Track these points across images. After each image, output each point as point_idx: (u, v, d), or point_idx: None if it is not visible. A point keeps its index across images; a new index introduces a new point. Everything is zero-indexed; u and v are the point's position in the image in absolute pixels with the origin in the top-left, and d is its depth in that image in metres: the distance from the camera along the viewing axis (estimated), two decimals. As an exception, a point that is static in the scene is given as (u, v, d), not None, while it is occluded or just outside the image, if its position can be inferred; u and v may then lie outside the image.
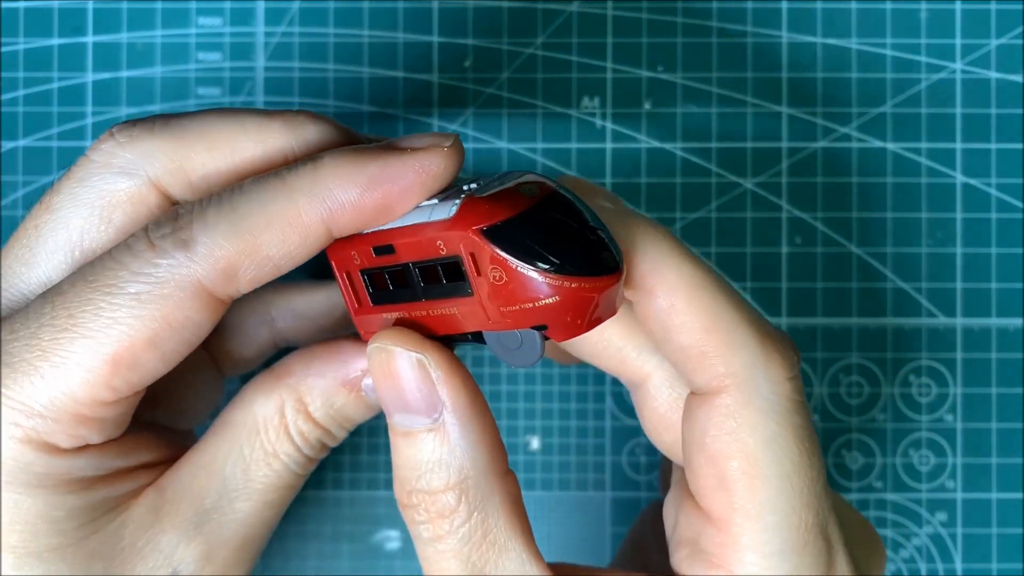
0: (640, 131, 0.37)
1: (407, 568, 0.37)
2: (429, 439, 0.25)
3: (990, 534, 0.36)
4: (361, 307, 0.27)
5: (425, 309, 0.25)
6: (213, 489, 0.27)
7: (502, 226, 0.23)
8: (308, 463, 0.28)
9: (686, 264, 0.25)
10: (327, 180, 0.25)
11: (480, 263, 0.23)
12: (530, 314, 0.23)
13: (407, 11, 0.37)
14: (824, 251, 0.37)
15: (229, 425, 0.28)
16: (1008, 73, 0.37)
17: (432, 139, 0.26)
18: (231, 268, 0.25)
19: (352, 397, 0.28)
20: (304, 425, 0.27)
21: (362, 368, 0.27)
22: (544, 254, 0.23)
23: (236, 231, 0.24)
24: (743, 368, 0.25)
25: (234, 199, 0.25)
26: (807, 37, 0.37)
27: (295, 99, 0.37)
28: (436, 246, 0.24)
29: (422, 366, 0.25)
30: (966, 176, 0.37)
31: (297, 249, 0.25)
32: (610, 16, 0.37)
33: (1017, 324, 0.37)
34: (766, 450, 0.25)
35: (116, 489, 0.27)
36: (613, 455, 0.37)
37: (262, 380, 0.28)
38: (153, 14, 0.37)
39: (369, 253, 0.25)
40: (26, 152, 0.37)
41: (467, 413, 0.25)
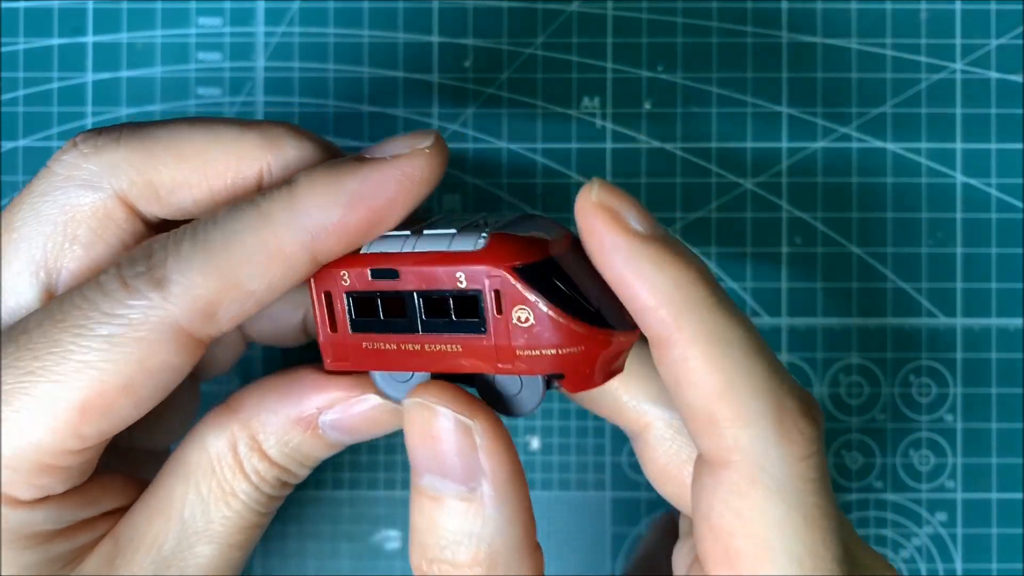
0: (640, 131, 0.37)
1: (407, 568, 0.37)
2: (461, 508, 0.23)
3: (990, 534, 0.36)
4: (335, 332, 0.25)
5: (419, 343, 0.24)
6: (171, 534, 0.25)
7: (534, 267, 0.22)
8: (271, 501, 0.26)
9: (711, 315, 0.22)
10: (304, 203, 0.23)
11: (504, 302, 0.22)
12: (549, 361, 0.23)
13: (407, 11, 0.37)
14: (824, 251, 0.37)
15: (182, 464, 0.25)
16: (1008, 73, 0.37)
17: (410, 141, 0.24)
18: (210, 307, 0.23)
19: (309, 435, 0.25)
20: (259, 464, 0.25)
21: (318, 405, 0.25)
22: (576, 301, 0.22)
23: (214, 267, 0.23)
24: (754, 443, 0.22)
25: (208, 232, 0.23)
26: (807, 37, 0.37)
27: (295, 99, 0.37)
28: (454, 278, 0.23)
29: (467, 432, 0.23)
30: (966, 176, 0.37)
31: (280, 281, 0.23)
32: (610, 16, 0.37)
33: (1017, 324, 0.37)
34: (775, 533, 0.23)
35: (74, 542, 0.25)
36: (613, 455, 0.37)
37: (215, 415, 0.26)
38: (153, 14, 0.37)
39: (364, 276, 0.24)
40: (26, 152, 0.37)
41: (507, 486, 0.23)
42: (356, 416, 0.25)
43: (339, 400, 0.25)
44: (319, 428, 0.25)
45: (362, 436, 0.26)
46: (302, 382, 0.25)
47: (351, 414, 0.25)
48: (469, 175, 0.37)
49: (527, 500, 0.24)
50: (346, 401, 0.25)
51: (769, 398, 0.22)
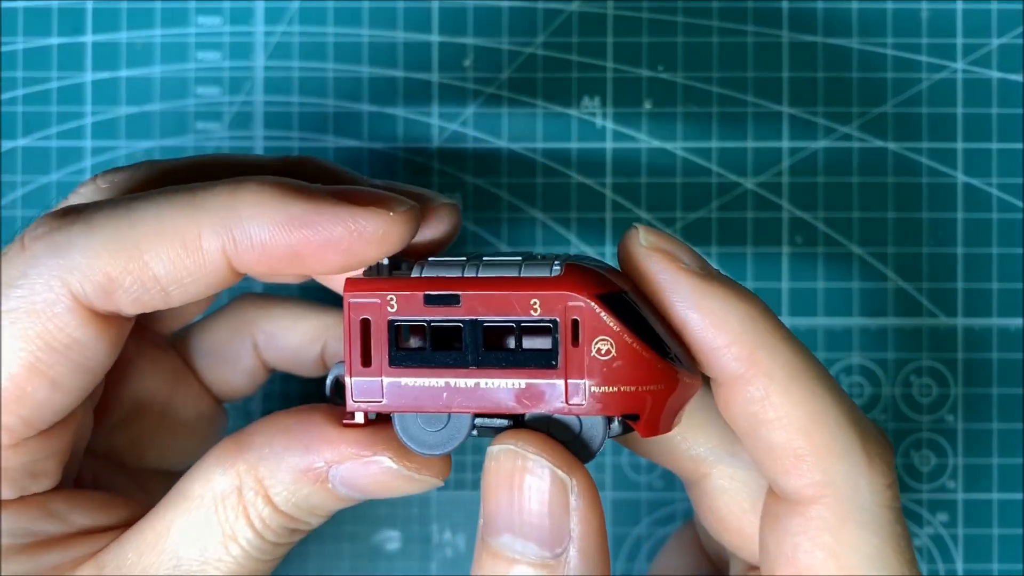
0: (640, 131, 0.37)
1: (407, 568, 0.37)
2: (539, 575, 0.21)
3: (991, 534, 0.36)
4: (368, 367, 0.22)
5: (473, 378, 0.22)
6: (163, 569, 0.23)
7: (617, 297, 0.21)
8: (275, 549, 0.24)
9: (785, 348, 0.21)
10: (241, 207, 0.21)
11: (583, 332, 0.21)
12: (627, 399, 0.21)
13: (407, 11, 0.37)
14: (825, 251, 0.37)
15: (184, 497, 0.23)
16: (1009, 73, 0.37)
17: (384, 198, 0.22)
18: (109, 283, 0.22)
19: (317, 488, 0.23)
20: (264, 510, 0.23)
21: (327, 459, 0.23)
22: (656, 337, 0.21)
23: (120, 240, 0.21)
24: (845, 478, 0.21)
25: (134, 204, 0.22)
26: (808, 37, 0.37)
27: (295, 98, 0.37)
28: (528, 305, 0.21)
29: (563, 490, 0.21)
30: (967, 176, 0.37)
31: (190, 278, 0.22)
32: (610, 16, 0.37)
33: (1018, 324, 0.36)
34: (867, 567, 0.22)
35: (43, 561, 0.23)
36: (613, 455, 0.37)
37: (223, 448, 0.24)
38: (152, 13, 0.37)
39: (415, 301, 0.22)
40: (25, 152, 0.37)
41: (596, 556, 0.21)
42: (368, 477, 0.23)
43: (349, 457, 0.23)
44: (328, 482, 0.23)
45: (373, 495, 0.24)
46: (312, 430, 0.23)
47: (362, 474, 0.23)
48: (469, 175, 0.37)
49: (609, 570, 0.22)
50: (357, 459, 0.23)
51: (855, 429, 0.22)
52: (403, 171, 0.37)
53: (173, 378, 0.29)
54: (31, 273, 0.22)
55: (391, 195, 0.22)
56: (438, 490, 0.37)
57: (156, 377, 0.29)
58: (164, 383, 0.29)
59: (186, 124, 0.37)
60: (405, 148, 0.37)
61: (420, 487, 0.23)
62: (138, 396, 0.28)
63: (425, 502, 0.37)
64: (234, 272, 0.22)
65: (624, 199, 0.37)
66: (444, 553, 0.37)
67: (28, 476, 0.23)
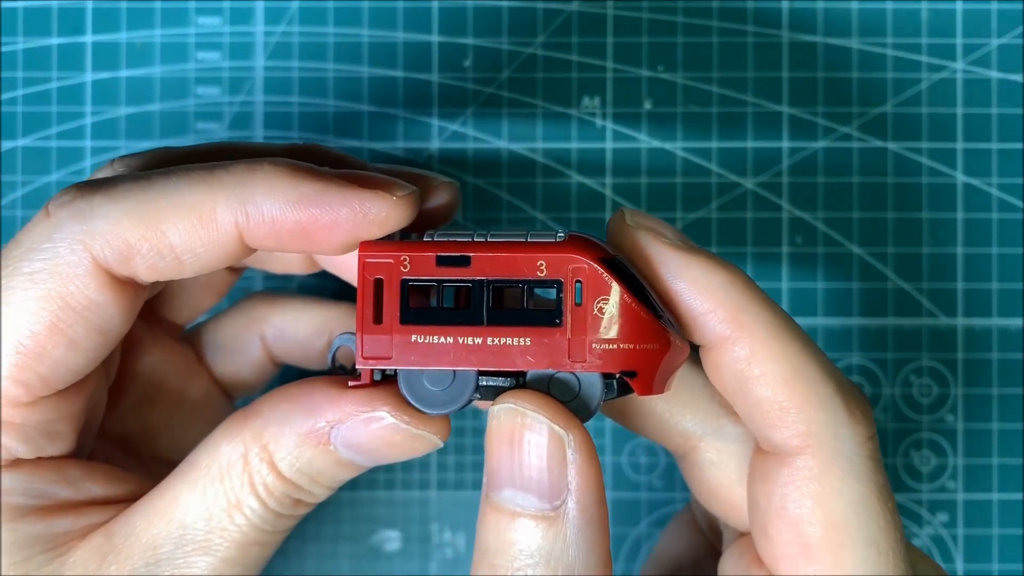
0: (640, 131, 0.37)
1: (407, 568, 0.37)
2: (541, 528, 0.22)
3: (991, 535, 0.36)
4: (381, 324, 0.23)
5: (482, 336, 0.23)
6: (170, 538, 0.24)
7: (616, 261, 0.23)
8: (279, 520, 0.25)
9: (766, 310, 0.23)
10: (256, 185, 0.23)
11: (586, 292, 0.22)
12: (626, 357, 0.22)
13: (407, 11, 0.37)
14: (825, 251, 0.37)
15: (192, 467, 0.24)
16: (1009, 73, 0.37)
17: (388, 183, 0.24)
18: (127, 249, 0.23)
19: (320, 451, 0.24)
20: (269, 477, 0.24)
21: (328, 419, 0.24)
22: (651, 301, 0.23)
23: (141, 209, 0.23)
24: (826, 426, 0.23)
25: (154, 178, 0.23)
26: (807, 37, 0.37)
27: (295, 98, 0.37)
28: (535, 266, 0.22)
29: (560, 445, 0.22)
30: (967, 176, 0.37)
31: (204, 248, 0.23)
32: (610, 16, 0.37)
33: (1018, 324, 0.36)
34: (852, 514, 0.23)
35: (55, 525, 0.24)
36: (613, 455, 0.37)
37: (231, 421, 0.25)
38: (152, 13, 0.37)
39: (429, 262, 0.23)
40: (25, 152, 0.37)
41: (593, 508, 0.22)
42: (369, 434, 0.24)
43: (351, 415, 0.24)
44: (330, 444, 0.24)
45: (376, 458, 0.24)
46: (316, 394, 0.24)
47: (363, 432, 0.24)
48: (469, 175, 0.37)
49: (607, 524, 0.23)
50: (358, 416, 0.24)
51: (834, 382, 0.23)
52: (403, 171, 0.37)
53: (186, 370, 0.30)
54: (55, 237, 0.23)
55: (394, 180, 0.24)
56: (438, 490, 0.37)
57: (170, 367, 0.30)
58: (177, 374, 0.30)
59: (186, 124, 0.37)
60: (405, 148, 0.37)
61: (421, 446, 0.24)
62: (152, 383, 0.30)
63: (425, 502, 0.37)
64: (244, 246, 0.24)
65: (624, 199, 0.37)
66: (444, 553, 0.37)
67: (44, 436, 0.24)
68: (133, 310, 0.24)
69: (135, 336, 0.29)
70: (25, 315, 0.23)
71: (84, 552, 0.24)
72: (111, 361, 0.28)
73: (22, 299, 0.23)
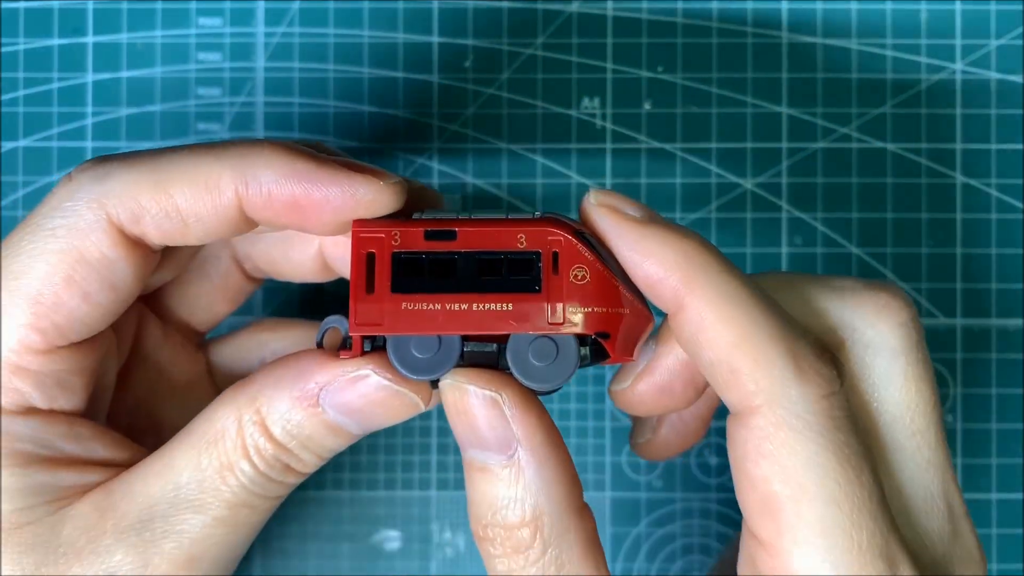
0: (640, 131, 0.37)
1: (407, 568, 0.37)
2: (504, 475, 0.24)
3: (990, 535, 0.36)
4: (373, 294, 0.25)
5: (468, 302, 0.25)
6: (165, 497, 0.25)
7: (587, 235, 0.25)
8: (269, 484, 0.26)
9: (719, 276, 0.24)
10: (256, 158, 0.25)
11: (561, 262, 0.24)
12: (599, 319, 0.25)
13: (407, 11, 0.37)
14: (824, 251, 0.37)
15: (190, 433, 0.26)
16: (1008, 74, 0.37)
17: (378, 172, 0.25)
18: (139, 209, 0.25)
19: (309, 413, 0.26)
20: (260, 440, 0.26)
21: (318, 381, 0.25)
22: (619, 270, 0.25)
23: (153, 175, 0.25)
24: (773, 385, 0.23)
25: (166, 151, 0.26)
26: (807, 37, 0.37)
27: (295, 99, 0.37)
28: (516, 239, 0.25)
29: (495, 404, 0.24)
30: (966, 176, 0.37)
31: (208, 213, 0.25)
32: (610, 16, 0.37)
33: (1017, 324, 0.37)
34: (808, 472, 0.23)
35: (60, 478, 0.26)
36: (613, 455, 0.37)
37: (230, 389, 0.26)
38: (153, 14, 0.37)
39: (418, 236, 0.25)
40: (26, 152, 0.37)
41: (541, 450, 0.24)
42: (357, 395, 0.25)
43: (338, 376, 0.25)
44: (319, 406, 0.25)
45: (365, 421, 0.26)
46: (308, 358, 0.26)
47: (350, 391, 0.25)
48: (469, 175, 0.37)
49: (567, 463, 0.25)
50: (345, 376, 0.25)
51: (782, 342, 0.24)
52: (403, 171, 0.37)
53: (195, 374, 0.32)
54: (76, 196, 0.25)
55: (384, 170, 0.26)
56: (438, 490, 0.37)
57: (180, 367, 0.31)
58: (187, 375, 0.31)
59: (187, 125, 0.37)
60: (405, 148, 0.37)
61: (404, 407, 0.26)
62: (161, 378, 0.31)
63: (425, 502, 0.37)
64: (244, 216, 0.25)
65: (624, 199, 0.37)
66: (444, 553, 0.37)
67: (57, 387, 0.26)
68: (143, 271, 0.26)
69: (148, 328, 0.30)
70: (44, 266, 0.25)
71: (84, 507, 0.25)
72: (122, 340, 0.29)
73: (42, 252, 0.25)
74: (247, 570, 0.37)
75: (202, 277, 0.31)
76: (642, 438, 0.31)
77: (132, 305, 0.28)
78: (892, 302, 0.26)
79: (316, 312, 0.37)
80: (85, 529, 0.25)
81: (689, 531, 0.37)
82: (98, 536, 0.25)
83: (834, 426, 0.24)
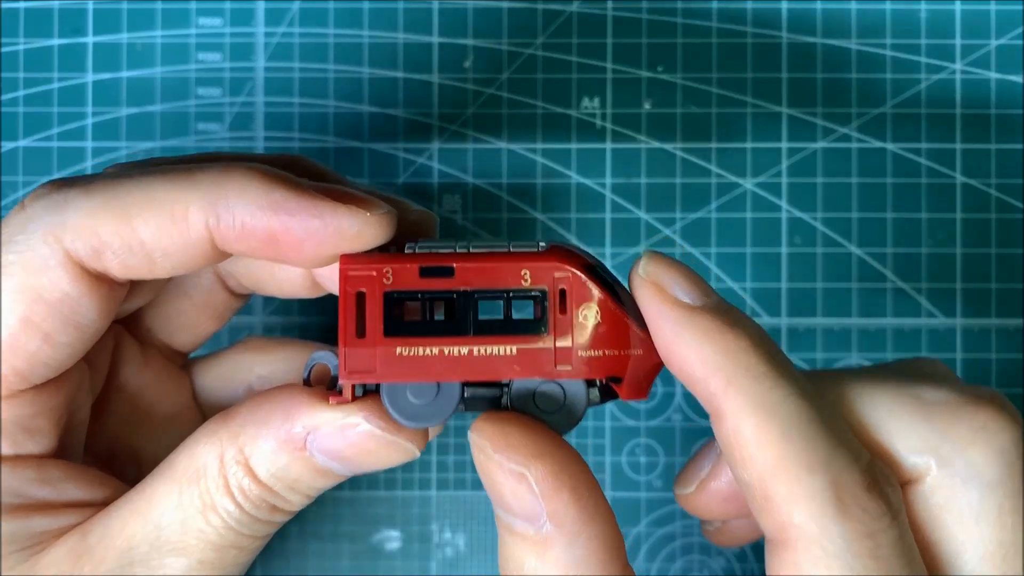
0: (640, 131, 0.37)
1: (407, 568, 0.37)
2: (529, 546, 0.22)
3: (990, 534, 0.36)
4: (364, 337, 0.23)
5: (467, 346, 0.23)
6: (145, 539, 0.24)
7: (598, 269, 0.23)
8: (255, 524, 0.24)
9: (760, 385, 0.21)
10: (228, 188, 0.23)
11: (569, 300, 0.23)
12: (610, 363, 0.23)
13: (407, 11, 0.37)
14: (824, 251, 0.37)
15: (170, 468, 0.24)
16: (1008, 73, 0.37)
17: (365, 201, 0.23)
18: (99, 243, 0.23)
19: (296, 458, 0.24)
20: (244, 480, 0.24)
21: (305, 425, 0.23)
22: (632, 306, 0.23)
23: (114, 205, 0.23)
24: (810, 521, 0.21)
25: (131, 175, 0.23)
26: (807, 37, 0.37)
27: (295, 99, 0.37)
28: (519, 276, 0.23)
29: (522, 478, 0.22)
30: (966, 176, 0.37)
31: (174, 247, 0.23)
32: (610, 16, 0.37)
33: (1017, 324, 0.37)
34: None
35: (31, 525, 0.24)
36: (613, 455, 0.37)
37: (211, 422, 0.24)
38: (153, 14, 0.37)
39: (412, 273, 0.23)
40: (26, 152, 0.37)
41: (573, 527, 0.22)
42: (346, 444, 0.23)
43: (327, 422, 0.23)
44: (307, 451, 0.24)
45: (353, 466, 0.24)
46: (295, 398, 0.24)
47: (339, 439, 0.23)
48: (469, 175, 0.37)
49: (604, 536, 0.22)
50: (334, 422, 0.23)
51: (825, 472, 0.21)
52: (403, 171, 0.37)
53: (178, 396, 0.30)
54: (29, 228, 0.23)
55: (372, 198, 0.23)
56: (438, 490, 0.37)
57: (160, 390, 0.29)
58: (168, 398, 0.29)
59: (187, 125, 0.37)
60: (405, 148, 0.37)
61: (397, 454, 0.24)
62: (140, 403, 0.29)
63: (425, 502, 0.37)
64: (217, 249, 0.23)
65: (624, 199, 0.37)
66: (444, 553, 0.37)
67: (23, 432, 0.24)
68: (109, 306, 0.24)
69: (126, 354, 0.29)
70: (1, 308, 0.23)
71: (58, 552, 0.24)
72: (96, 370, 0.27)
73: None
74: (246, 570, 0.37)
75: (182, 296, 0.29)
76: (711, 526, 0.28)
77: (107, 330, 0.26)
78: (991, 423, 0.22)
79: (316, 311, 0.37)
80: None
81: (689, 531, 0.37)
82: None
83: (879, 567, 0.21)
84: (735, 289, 0.37)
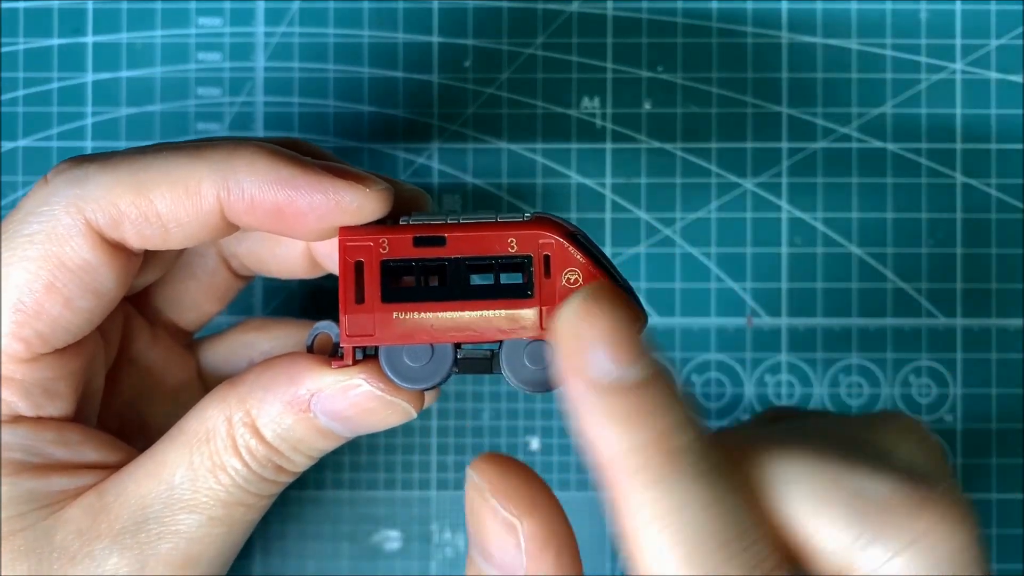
0: (640, 131, 0.37)
1: (407, 568, 0.37)
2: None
3: (990, 535, 0.36)
4: (363, 303, 0.25)
5: (459, 310, 0.24)
6: (159, 498, 0.25)
7: (579, 236, 0.24)
8: (262, 483, 0.26)
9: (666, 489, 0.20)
10: (238, 163, 0.24)
11: (554, 265, 0.24)
12: None
13: (407, 11, 0.37)
14: (824, 251, 0.37)
15: (181, 431, 0.26)
16: (1008, 73, 0.37)
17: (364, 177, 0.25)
18: (118, 214, 0.24)
19: (300, 419, 0.25)
20: (251, 441, 0.25)
21: (309, 388, 0.25)
22: (614, 271, 0.24)
23: (132, 179, 0.24)
24: None
25: (147, 151, 0.25)
26: (807, 37, 0.37)
27: (295, 99, 0.37)
28: (506, 243, 0.24)
29: (514, 531, 0.22)
30: (966, 176, 0.37)
31: (187, 218, 0.25)
32: (610, 16, 0.37)
33: (1017, 324, 0.37)
34: None
35: (51, 483, 0.25)
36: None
37: (219, 388, 0.26)
38: (153, 14, 0.37)
39: (406, 243, 0.24)
40: (26, 152, 0.37)
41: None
42: (348, 404, 0.25)
43: (331, 384, 0.25)
44: (311, 412, 0.25)
45: (355, 426, 0.26)
46: (300, 363, 0.25)
47: (341, 400, 0.25)
48: (469, 175, 0.37)
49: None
50: (337, 384, 0.25)
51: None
52: (403, 171, 0.37)
53: (184, 374, 0.31)
54: (52, 200, 0.25)
55: (370, 175, 0.25)
56: (438, 490, 0.37)
57: (168, 367, 0.31)
58: (175, 375, 0.31)
59: (187, 125, 0.37)
60: (405, 148, 0.37)
61: (395, 414, 0.25)
62: (149, 378, 0.31)
63: (425, 502, 0.37)
64: (226, 222, 0.25)
65: (624, 199, 0.37)
66: (444, 553, 0.37)
67: (44, 394, 0.26)
68: (125, 275, 0.26)
69: (136, 331, 0.30)
70: (24, 274, 0.25)
71: (76, 510, 0.25)
72: (109, 343, 0.29)
73: (21, 259, 0.25)
74: (247, 570, 0.37)
75: (188, 276, 0.30)
76: None
77: (118, 306, 0.27)
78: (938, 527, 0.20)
79: (317, 310, 0.37)
80: (78, 533, 0.25)
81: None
82: (92, 540, 0.25)
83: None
84: (735, 289, 0.37)
